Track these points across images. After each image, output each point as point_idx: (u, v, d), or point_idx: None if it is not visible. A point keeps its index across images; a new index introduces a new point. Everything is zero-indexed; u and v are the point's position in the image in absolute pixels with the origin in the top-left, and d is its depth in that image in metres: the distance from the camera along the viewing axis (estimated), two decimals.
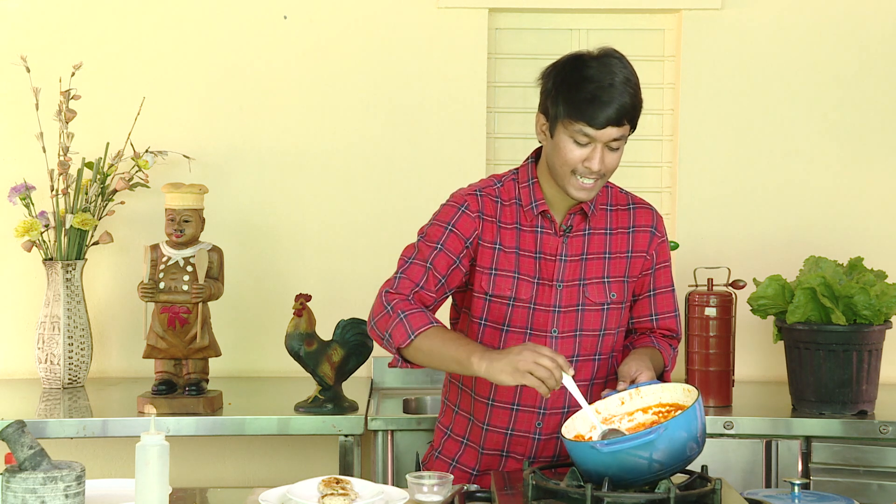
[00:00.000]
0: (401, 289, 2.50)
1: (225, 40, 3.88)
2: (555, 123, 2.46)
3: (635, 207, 2.64)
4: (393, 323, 2.45)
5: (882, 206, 3.93)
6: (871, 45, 3.92)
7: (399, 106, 3.89)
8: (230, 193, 3.86)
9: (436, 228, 2.55)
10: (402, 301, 2.47)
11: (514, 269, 2.54)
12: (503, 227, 2.55)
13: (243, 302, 3.86)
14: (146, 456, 2.16)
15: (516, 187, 2.59)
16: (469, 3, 3.88)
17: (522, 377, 2.27)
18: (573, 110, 2.41)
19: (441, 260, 2.52)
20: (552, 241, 2.56)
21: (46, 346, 3.59)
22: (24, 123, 3.73)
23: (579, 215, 2.57)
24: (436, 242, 2.53)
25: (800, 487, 2.59)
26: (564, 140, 2.45)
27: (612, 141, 2.43)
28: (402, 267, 2.54)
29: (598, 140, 2.42)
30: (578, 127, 2.41)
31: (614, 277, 2.58)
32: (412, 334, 2.42)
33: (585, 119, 2.40)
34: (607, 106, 2.39)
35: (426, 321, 2.43)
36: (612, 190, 2.65)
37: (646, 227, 2.62)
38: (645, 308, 2.64)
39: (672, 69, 3.97)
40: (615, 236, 2.60)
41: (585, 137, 2.42)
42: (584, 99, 2.40)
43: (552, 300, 2.54)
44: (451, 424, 2.69)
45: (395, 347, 2.46)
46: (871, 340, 3.32)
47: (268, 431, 3.23)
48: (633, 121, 2.46)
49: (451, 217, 2.55)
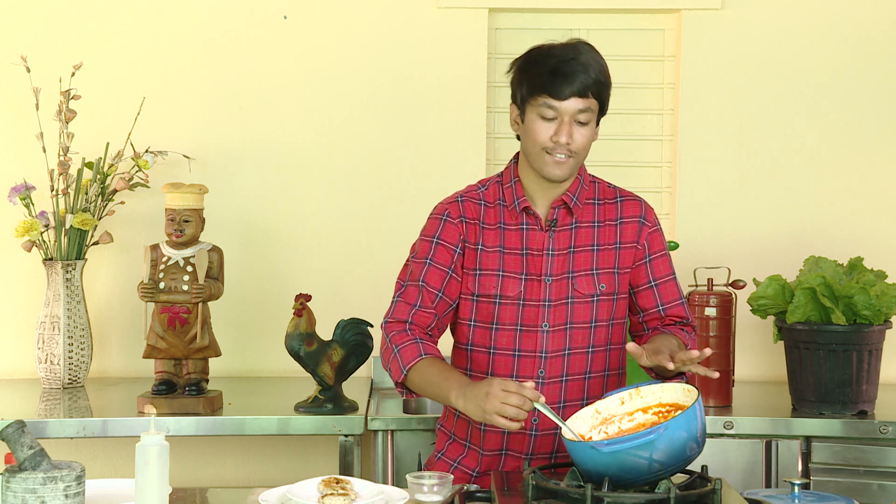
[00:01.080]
0: (398, 315, 2.58)
1: (225, 40, 3.88)
2: (523, 107, 2.52)
3: (623, 200, 2.65)
4: (391, 357, 2.55)
5: (882, 206, 3.93)
6: (871, 44, 3.92)
7: (399, 106, 3.89)
8: (230, 193, 3.86)
9: (423, 244, 2.61)
10: (399, 333, 2.55)
11: (498, 267, 2.57)
12: (486, 228, 2.59)
13: (243, 302, 3.86)
14: (146, 456, 2.16)
15: (500, 188, 2.62)
16: (469, 3, 3.88)
17: (492, 418, 2.31)
18: (536, 85, 2.48)
19: (433, 275, 2.57)
20: (538, 237, 2.58)
21: (46, 346, 3.59)
22: (24, 123, 3.73)
23: (563, 209, 2.59)
24: (425, 258, 2.59)
25: (800, 487, 2.59)
26: (533, 119, 2.50)
27: (579, 114, 2.48)
28: (398, 291, 2.61)
29: (563, 112, 2.47)
30: (542, 100, 2.47)
31: (603, 269, 2.59)
32: (404, 370, 2.51)
33: (548, 91, 2.46)
34: (569, 77, 2.45)
35: (416, 354, 2.50)
36: (600, 185, 2.66)
37: (634, 218, 2.63)
38: (650, 300, 2.64)
39: (672, 69, 3.97)
40: (603, 228, 2.61)
41: (551, 111, 2.47)
42: (545, 72, 2.47)
43: (541, 295, 2.56)
44: (452, 428, 2.70)
45: (395, 381, 2.56)
46: (871, 340, 3.32)
47: (268, 431, 3.23)
48: (599, 96, 2.50)
49: (436, 229, 2.60)
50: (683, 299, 2.67)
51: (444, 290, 2.58)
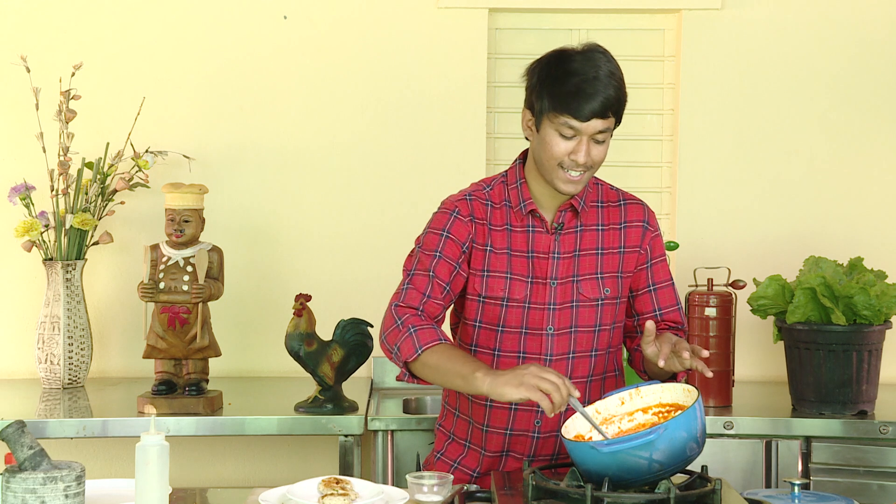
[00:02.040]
0: (409, 301, 2.52)
1: (225, 40, 3.88)
2: (540, 118, 2.49)
3: (626, 203, 2.65)
4: (402, 337, 2.46)
5: (882, 206, 3.93)
6: (870, 44, 3.92)
7: (399, 106, 3.89)
8: (230, 193, 3.86)
9: (432, 236, 2.58)
10: (413, 316, 2.49)
11: (507, 270, 2.56)
12: (493, 229, 2.57)
13: (243, 302, 3.86)
14: (146, 456, 2.16)
15: (505, 189, 2.61)
16: (469, 3, 3.88)
17: (528, 391, 2.25)
18: (558, 103, 2.44)
19: (442, 267, 2.54)
20: (544, 240, 2.57)
21: (46, 346, 3.59)
22: (24, 123, 3.73)
23: (570, 212, 2.58)
24: (434, 250, 2.55)
25: (800, 487, 2.59)
26: (550, 134, 2.47)
27: (598, 133, 2.46)
28: (407, 278, 2.56)
29: (583, 133, 2.45)
30: (563, 120, 2.44)
31: (608, 273, 2.59)
32: (419, 349, 2.44)
33: (570, 112, 2.43)
34: (592, 98, 2.42)
35: (435, 337, 2.45)
36: (603, 187, 2.66)
37: (637, 223, 2.63)
38: (648, 304, 2.64)
39: (672, 69, 3.97)
40: (607, 232, 2.61)
41: (571, 130, 2.45)
42: (568, 92, 2.43)
43: (546, 298, 2.56)
44: (452, 428, 2.69)
45: (403, 361, 2.48)
46: (871, 340, 3.32)
47: (268, 431, 3.23)
48: (617, 113, 2.49)
49: (445, 223, 2.57)
50: (679, 305, 2.68)
51: (451, 284, 2.55)
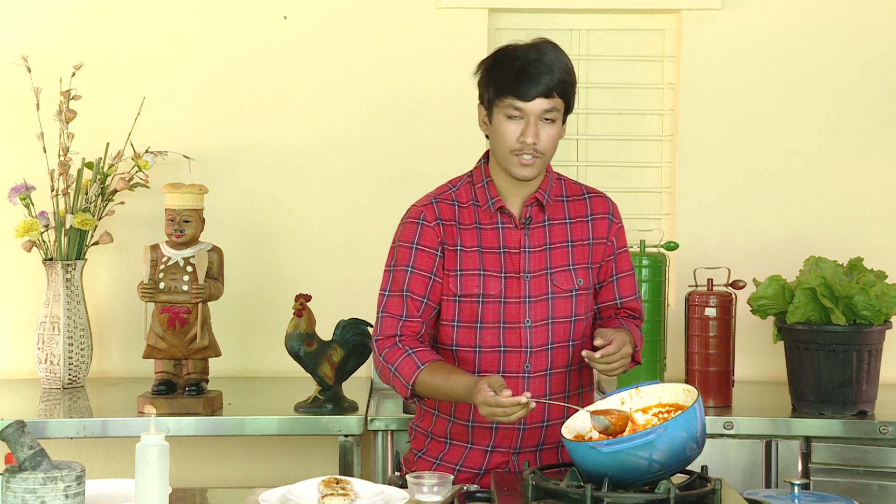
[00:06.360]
0: (385, 331, 2.60)
1: (225, 40, 3.88)
2: (490, 108, 2.56)
3: (590, 197, 2.71)
4: (391, 376, 2.58)
5: (882, 206, 3.93)
6: (870, 45, 3.91)
7: (399, 106, 3.89)
8: (230, 193, 3.86)
9: (402, 251, 2.62)
10: (391, 349, 2.58)
11: (479, 267, 2.60)
12: (463, 228, 2.62)
13: (243, 302, 3.86)
14: (146, 456, 2.16)
15: (472, 189, 2.66)
16: (469, 3, 3.88)
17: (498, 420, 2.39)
18: (502, 86, 2.52)
19: (416, 282, 2.59)
20: (514, 235, 2.62)
21: (46, 346, 3.59)
22: (24, 123, 3.73)
23: (536, 206, 2.63)
24: (405, 266, 2.61)
25: (800, 488, 2.59)
26: (499, 120, 2.54)
27: (545, 114, 2.51)
28: (382, 303, 2.63)
29: (529, 113, 2.51)
30: (509, 101, 2.51)
31: (579, 264, 2.65)
32: (408, 386, 2.55)
33: (513, 93, 2.50)
34: (534, 78, 2.49)
35: (413, 369, 2.54)
36: (566, 182, 2.72)
37: (603, 215, 2.69)
38: (609, 293, 2.70)
39: (672, 69, 3.97)
40: (575, 225, 2.66)
41: (517, 111, 2.51)
42: (511, 74, 2.51)
43: (521, 291, 2.60)
44: (430, 427, 2.71)
45: (404, 396, 2.59)
46: (871, 340, 3.32)
47: (268, 431, 3.23)
48: (564, 95, 2.54)
49: (413, 234, 2.62)
50: (639, 294, 2.75)
51: (429, 296, 2.60)
